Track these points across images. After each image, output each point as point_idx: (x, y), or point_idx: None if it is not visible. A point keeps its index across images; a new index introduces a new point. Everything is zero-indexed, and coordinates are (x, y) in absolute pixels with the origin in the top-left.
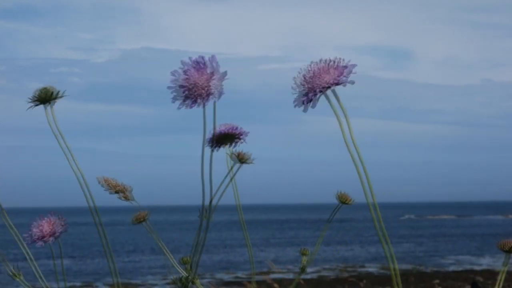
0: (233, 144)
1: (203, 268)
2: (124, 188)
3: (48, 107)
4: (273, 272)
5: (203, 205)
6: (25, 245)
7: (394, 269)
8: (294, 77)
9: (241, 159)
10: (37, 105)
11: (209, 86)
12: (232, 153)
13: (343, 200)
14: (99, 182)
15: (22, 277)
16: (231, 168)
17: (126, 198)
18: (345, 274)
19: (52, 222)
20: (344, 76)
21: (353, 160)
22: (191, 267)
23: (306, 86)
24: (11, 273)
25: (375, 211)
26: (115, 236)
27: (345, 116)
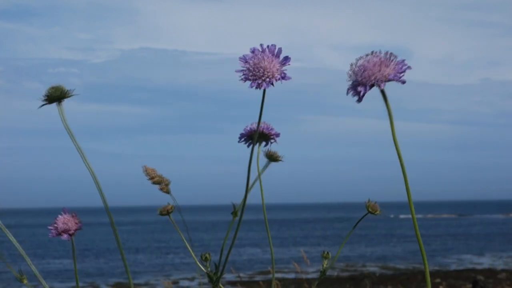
0: (266, 143)
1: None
2: (162, 180)
3: (59, 105)
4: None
5: (244, 201)
6: (20, 247)
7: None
8: (351, 64)
9: (272, 157)
10: (47, 103)
11: (280, 71)
12: (265, 152)
13: (372, 210)
14: (143, 171)
15: (26, 280)
16: (266, 166)
17: (163, 190)
18: (346, 274)
19: (67, 220)
20: (401, 74)
21: (400, 159)
22: (220, 263)
23: (361, 77)
24: (18, 276)
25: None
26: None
27: (390, 113)
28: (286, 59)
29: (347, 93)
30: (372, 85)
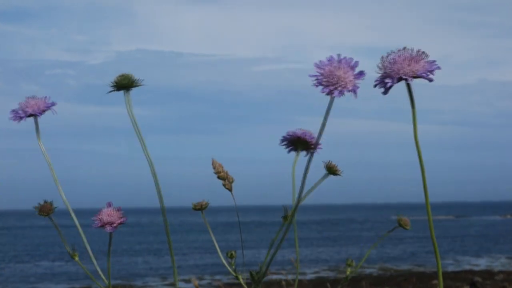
0: (306, 151)
1: (204, 269)
2: (227, 176)
3: (127, 94)
4: (273, 274)
5: (295, 205)
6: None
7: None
8: (382, 57)
9: (331, 170)
10: (114, 90)
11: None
12: (325, 163)
13: (404, 224)
14: (212, 163)
15: (77, 258)
16: (324, 176)
17: (226, 187)
18: (344, 275)
19: (112, 213)
20: (430, 72)
21: (420, 159)
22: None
23: (390, 70)
24: (70, 252)
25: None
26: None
27: (413, 111)
28: (361, 73)
29: (375, 86)
30: (400, 79)
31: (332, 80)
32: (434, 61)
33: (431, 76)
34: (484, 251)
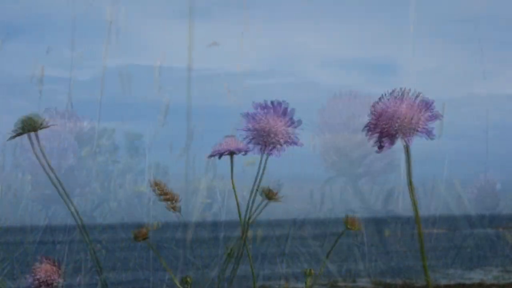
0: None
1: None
2: (174, 197)
3: (33, 136)
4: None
5: (243, 232)
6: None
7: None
8: (381, 98)
9: (269, 196)
10: (20, 134)
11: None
12: (262, 189)
13: (351, 226)
14: (150, 185)
15: None
16: (264, 205)
17: (174, 209)
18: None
19: (47, 269)
20: (431, 127)
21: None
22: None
23: (386, 124)
24: None
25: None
26: (104, 253)
27: (408, 155)
28: (293, 121)
29: (370, 140)
30: (397, 137)
31: (268, 139)
32: (431, 103)
33: (433, 131)
34: (477, 265)
